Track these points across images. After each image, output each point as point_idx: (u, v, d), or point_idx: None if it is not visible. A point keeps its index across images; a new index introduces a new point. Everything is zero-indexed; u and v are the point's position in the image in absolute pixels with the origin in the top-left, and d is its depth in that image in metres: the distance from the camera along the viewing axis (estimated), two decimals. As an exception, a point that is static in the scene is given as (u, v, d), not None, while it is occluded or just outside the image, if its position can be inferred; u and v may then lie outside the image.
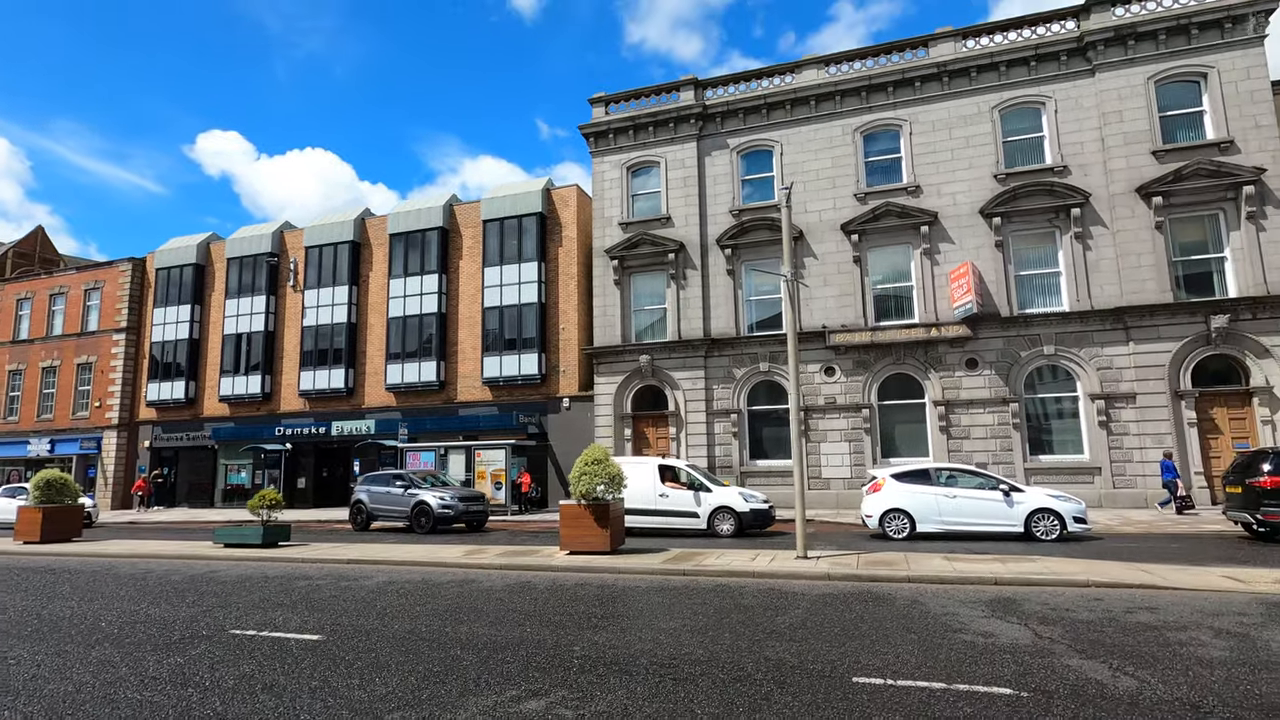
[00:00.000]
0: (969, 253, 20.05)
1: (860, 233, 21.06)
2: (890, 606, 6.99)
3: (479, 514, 18.45)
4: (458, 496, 18.11)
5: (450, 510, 17.64)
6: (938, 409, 19.82)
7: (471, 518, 18.14)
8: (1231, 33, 18.61)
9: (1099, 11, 19.70)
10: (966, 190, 20.39)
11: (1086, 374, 18.81)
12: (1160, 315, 18.23)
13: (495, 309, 25.20)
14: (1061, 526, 12.55)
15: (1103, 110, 19.43)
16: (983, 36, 20.95)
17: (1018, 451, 19.13)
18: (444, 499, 17.77)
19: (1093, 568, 8.24)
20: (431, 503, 17.65)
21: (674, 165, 23.36)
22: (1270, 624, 5.95)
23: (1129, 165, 19.00)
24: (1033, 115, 20.29)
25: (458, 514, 17.73)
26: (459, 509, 17.77)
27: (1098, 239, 19.16)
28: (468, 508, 18.03)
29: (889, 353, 20.47)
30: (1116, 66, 19.41)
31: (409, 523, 18.02)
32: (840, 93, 21.85)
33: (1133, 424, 18.37)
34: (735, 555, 10.20)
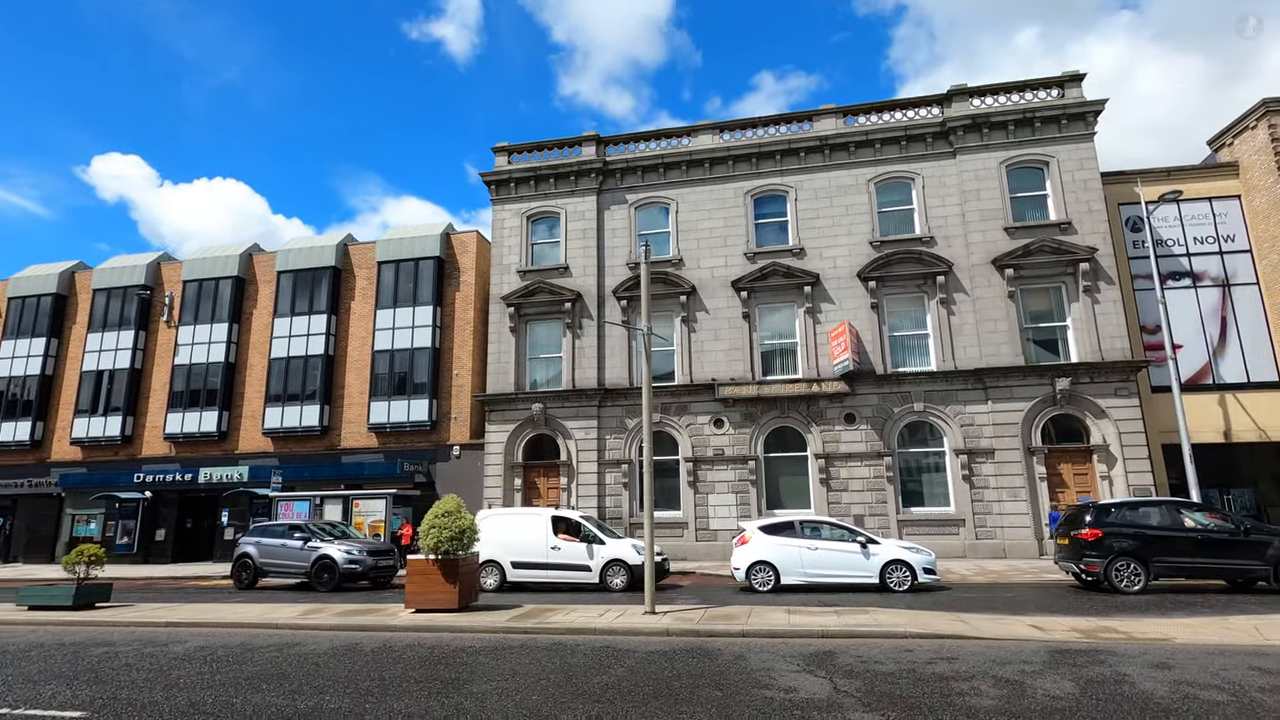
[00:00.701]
0: (848, 313, 21.18)
1: (749, 290, 21.91)
2: (712, 662, 6.99)
3: (388, 569, 16.93)
4: (366, 550, 16.50)
5: (357, 565, 16.02)
6: (818, 461, 20.49)
7: (379, 573, 16.61)
8: (1067, 128, 20.95)
9: (959, 101, 21.79)
10: (846, 254, 21.67)
11: (952, 430, 19.99)
12: (1013, 377, 19.73)
13: (386, 352, 24.42)
14: (913, 577, 13.05)
15: (963, 188, 21.29)
16: (861, 115, 22.68)
17: (891, 504, 19.94)
18: (351, 553, 16.10)
19: (918, 619, 8.58)
20: (336, 557, 15.96)
21: (574, 217, 23.74)
22: (1047, 671, 6.32)
23: (985, 239, 20.78)
24: (904, 189, 21.96)
25: (366, 569, 16.16)
26: (368, 564, 16.18)
27: (960, 304, 20.69)
28: (376, 562, 16.47)
29: (775, 406, 21.12)
30: (974, 151, 21.40)
31: (307, 579, 16.22)
32: (733, 157, 23.00)
33: (992, 478, 19.57)
34: (585, 611, 9.98)
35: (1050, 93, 21.45)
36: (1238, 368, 20.32)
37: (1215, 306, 20.73)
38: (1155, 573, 11.80)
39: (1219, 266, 20.95)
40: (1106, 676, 6.09)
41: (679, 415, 21.70)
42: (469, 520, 10.26)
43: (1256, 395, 20.08)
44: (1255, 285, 20.62)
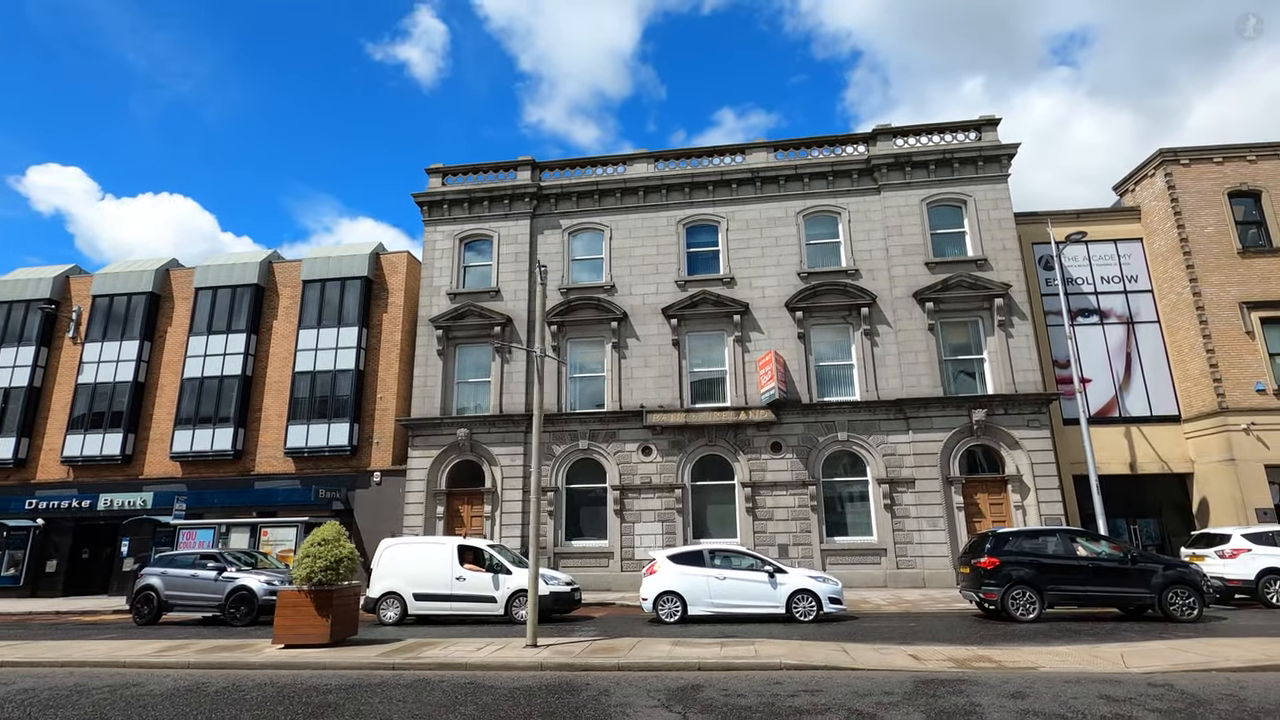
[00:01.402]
0: (776, 342, 21.38)
1: (680, 318, 21.95)
2: (573, 699, 6.67)
3: None
4: (287, 580, 15.65)
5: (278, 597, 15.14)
6: (745, 490, 20.43)
7: None
8: (984, 169, 21.84)
9: (883, 140, 22.53)
10: (775, 285, 21.96)
11: (874, 460, 20.21)
12: (933, 407, 20.12)
13: (307, 374, 23.56)
14: (818, 607, 12.96)
15: (887, 224, 21.89)
16: (791, 150, 23.24)
17: (815, 533, 19.96)
18: (272, 583, 15.04)
19: (800, 650, 8.43)
20: (256, 588, 14.93)
21: (507, 240, 23.53)
22: (904, 702, 6.22)
23: (907, 273, 21.34)
24: (831, 222, 22.48)
25: (288, 601, 15.25)
26: None
27: (883, 336, 21.11)
28: None
29: (702, 434, 21.04)
30: (897, 188, 22.09)
31: (220, 613, 15.11)
32: (667, 186, 23.22)
33: (913, 507, 19.79)
34: (464, 645, 9.52)
35: (969, 135, 22.38)
36: (1141, 402, 21.18)
37: (1121, 343, 21.65)
38: (1050, 601, 11.98)
39: (1124, 305, 21.95)
40: (959, 707, 6.00)
41: (607, 442, 21.42)
42: (348, 549, 9.74)
43: (1158, 428, 20.94)
44: (1156, 323, 21.64)
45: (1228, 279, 20.41)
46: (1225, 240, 20.76)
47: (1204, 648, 8.24)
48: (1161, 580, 11.78)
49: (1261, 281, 20.31)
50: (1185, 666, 7.18)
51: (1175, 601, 11.63)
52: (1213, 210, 20.97)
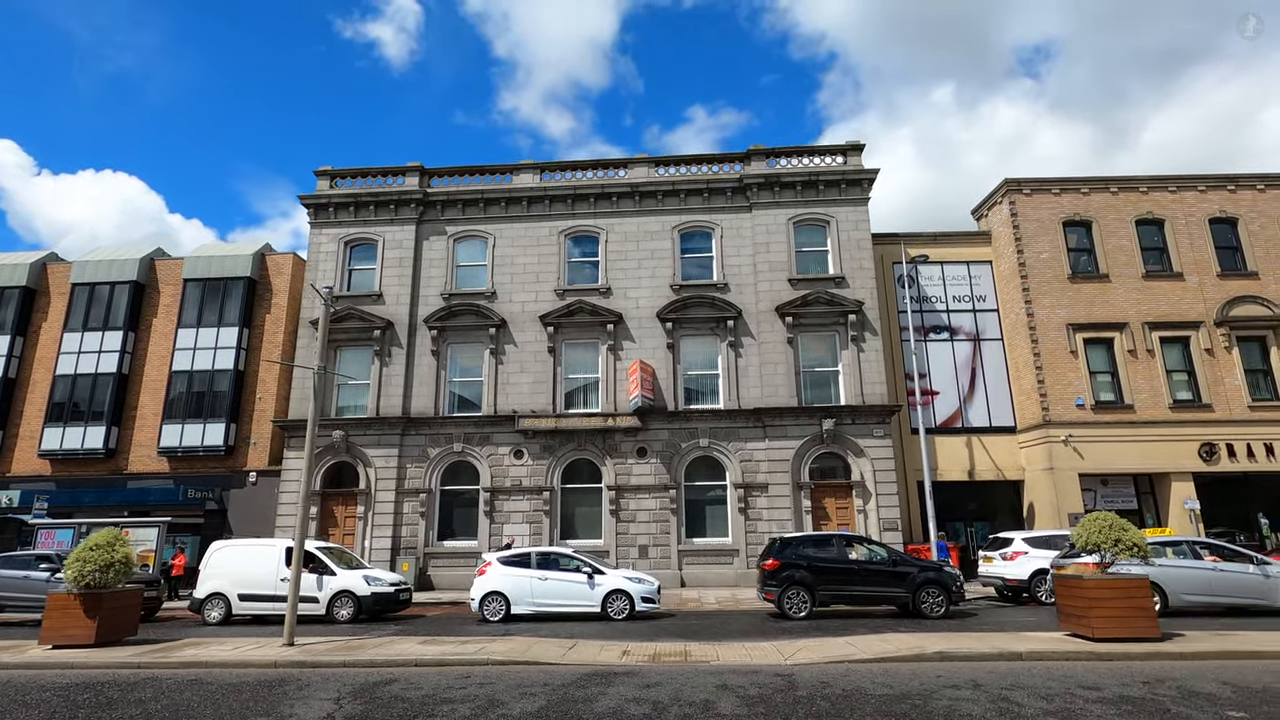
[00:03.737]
0: (647, 351, 22.30)
1: (557, 325, 22.67)
2: (267, 691, 7.35)
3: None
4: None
5: None
6: (610, 493, 21.29)
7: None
8: (846, 192, 23.14)
9: (757, 161, 23.65)
10: (649, 296, 22.87)
11: (733, 465, 21.30)
12: (788, 417, 21.31)
13: (185, 373, 23.52)
14: (631, 606, 13.86)
15: (756, 241, 23.01)
16: (671, 167, 24.17)
17: (674, 534, 20.95)
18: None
19: (531, 647, 9.25)
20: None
21: (392, 245, 23.89)
22: (556, 691, 7.07)
23: (772, 288, 22.49)
24: (705, 237, 23.50)
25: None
26: None
27: (747, 348, 22.22)
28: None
29: (573, 439, 21.82)
30: (767, 207, 23.22)
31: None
32: (551, 197, 23.91)
33: (765, 510, 20.95)
34: (230, 644, 10.10)
35: (835, 159, 23.65)
36: (983, 414, 22.80)
37: (967, 359, 23.24)
38: (820, 600, 13.11)
39: (973, 323, 23.55)
40: (589, 696, 6.89)
41: (481, 445, 22.03)
42: (121, 554, 10.16)
43: (996, 438, 22.58)
44: (1000, 341, 23.29)
45: (1058, 302, 22.13)
46: (1058, 265, 22.48)
47: (887, 643, 9.26)
48: (917, 581, 13.02)
49: (1087, 305, 22.08)
50: (841, 658, 8.21)
51: (926, 600, 12.90)
52: (1049, 237, 22.68)
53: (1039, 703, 6.30)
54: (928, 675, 7.44)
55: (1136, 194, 22.90)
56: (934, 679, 7.27)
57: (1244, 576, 13.89)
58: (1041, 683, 6.98)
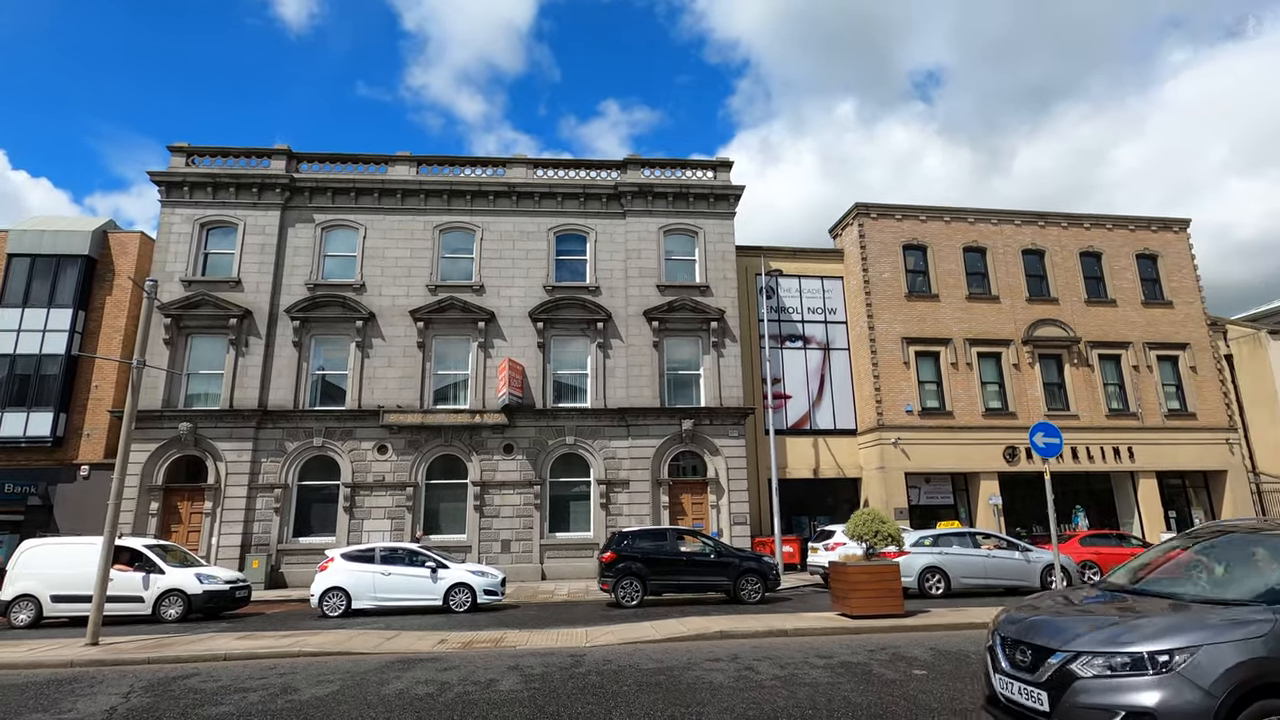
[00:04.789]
0: (518, 350, 22.69)
1: (428, 321, 22.62)
2: (28, 693, 7.34)
3: None
4: None
5: None
6: (475, 489, 21.56)
7: None
8: (715, 205, 24.51)
9: (632, 170, 24.56)
10: (521, 295, 23.26)
11: (597, 462, 22.13)
12: (651, 417, 22.38)
13: (7, 357, 21.57)
14: (473, 599, 14.31)
15: (628, 247, 23.93)
16: (549, 169, 24.65)
17: (537, 529, 21.52)
18: None
19: (351, 639, 9.63)
20: None
21: (254, 230, 22.93)
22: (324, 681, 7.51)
23: (641, 294, 23.49)
24: (580, 241, 24.16)
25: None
26: None
27: (615, 350, 23.11)
28: None
29: (439, 434, 21.89)
30: (640, 215, 24.20)
31: None
32: (426, 192, 23.76)
33: (625, 505, 21.93)
34: (23, 646, 9.84)
35: (706, 174, 24.97)
36: (829, 417, 24.88)
37: (818, 366, 25.26)
38: (652, 589, 14.14)
39: (824, 333, 25.60)
40: (385, 680, 7.40)
41: (343, 440, 21.66)
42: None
43: (840, 440, 24.71)
44: (847, 351, 25.46)
45: (896, 317, 24.51)
46: (897, 285, 24.88)
47: (684, 625, 10.24)
48: (738, 570, 14.34)
49: (920, 321, 24.58)
50: (636, 639, 9.14)
51: (745, 587, 14.25)
52: (890, 259, 25.04)
53: (775, 670, 7.41)
54: (700, 651, 8.46)
55: (965, 224, 25.71)
56: (703, 654, 8.29)
57: (1011, 562, 16.32)
58: (788, 654, 8.16)
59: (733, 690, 6.67)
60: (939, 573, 15.64)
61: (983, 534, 17.65)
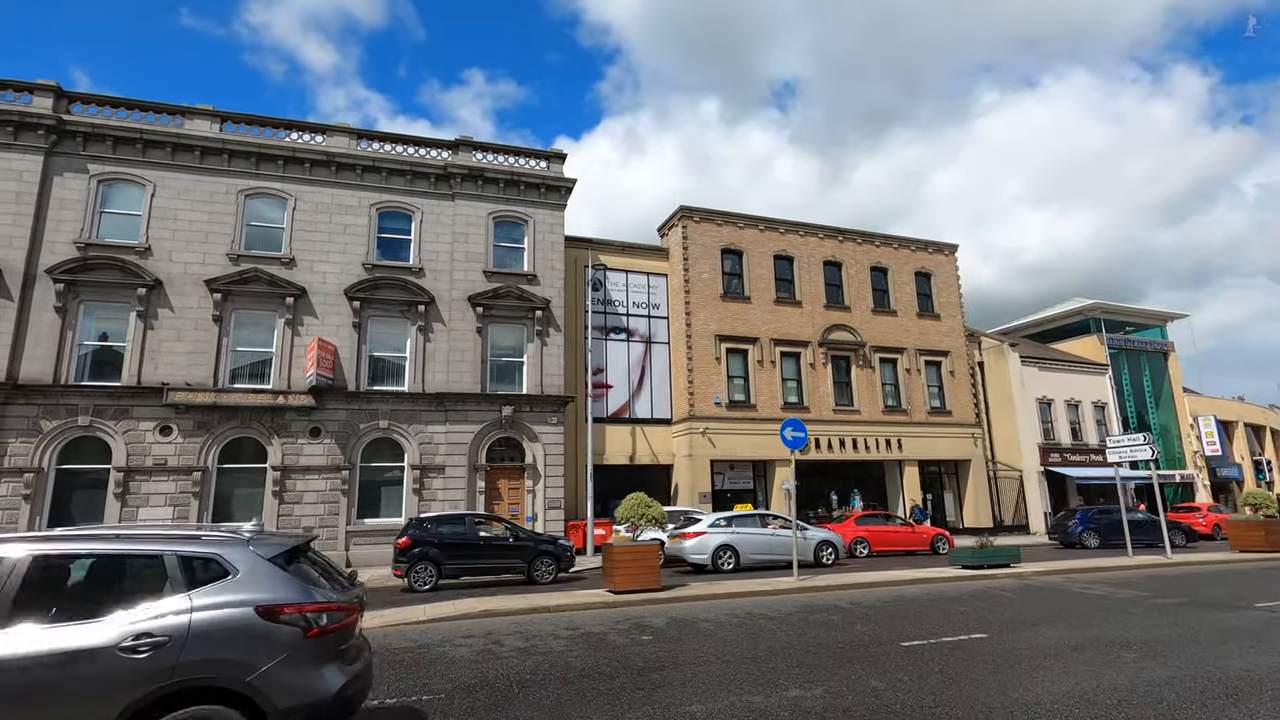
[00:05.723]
0: (330, 329, 21.65)
1: (226, 293, 20.91)
2: None
3: None
4: None
5: None
6: (275, 474, 20.37)
7: None
8: (546, 196, 24.84)
9: (464, 152, 24.21)
10: (338, 272, 22.18)
11: (412, 447, 21.76)
12: (471, 402, 22.38)
13: None
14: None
15: (456, 230, 23.61)
16: (375, 142, 23.62)
17: (344, 515, 20.79)
18: None
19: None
20: None
21: (7, 175, 19.84)
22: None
23: (467, 278, 23.32)
24: (405, 219, 23.45)
25: None
26: None
27: (437, 334, 22.78)
28: None
29: (236, 416, 20.40)
30: (470, 198, 23.94)
31: None
32: (231, 152, 21.84)
33: (440, 490, 21.81)
34: None
35: (539, 163, 25.20)
36: (647, 407, 26.28)
37: (640, 358, 26.55)
38: (448, 573, 14.41)
39: (647, 327, 26.93)
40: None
41: (118, 419, 19.51)
42: None
43: (656, 429, 26.20)
44: (667, 345, 26.99)
45: (711, 316, 26.36)
46: (714, 285, 26.75)
47: (455, 606, 10.68)
48: (534, 553, 15.01)
49: (733, 320, 26.65)
50: (402, 621, 9.46)
51: (539, 568, 14.97)
52: (709, 261, 26.85)
53: (519, 643, 8.06)
54: (460, 629, 8.93)
55: (776, 233, 28.17)
56: (461, 632, 8.77)
57: (791, 540, 18.37)
58: (540, 628, 8.87)
59: (468, 662, 7.19)
60: (731, 550, 17.36)
61: (771, 515, 19.73)
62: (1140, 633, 8.08)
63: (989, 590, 11.99)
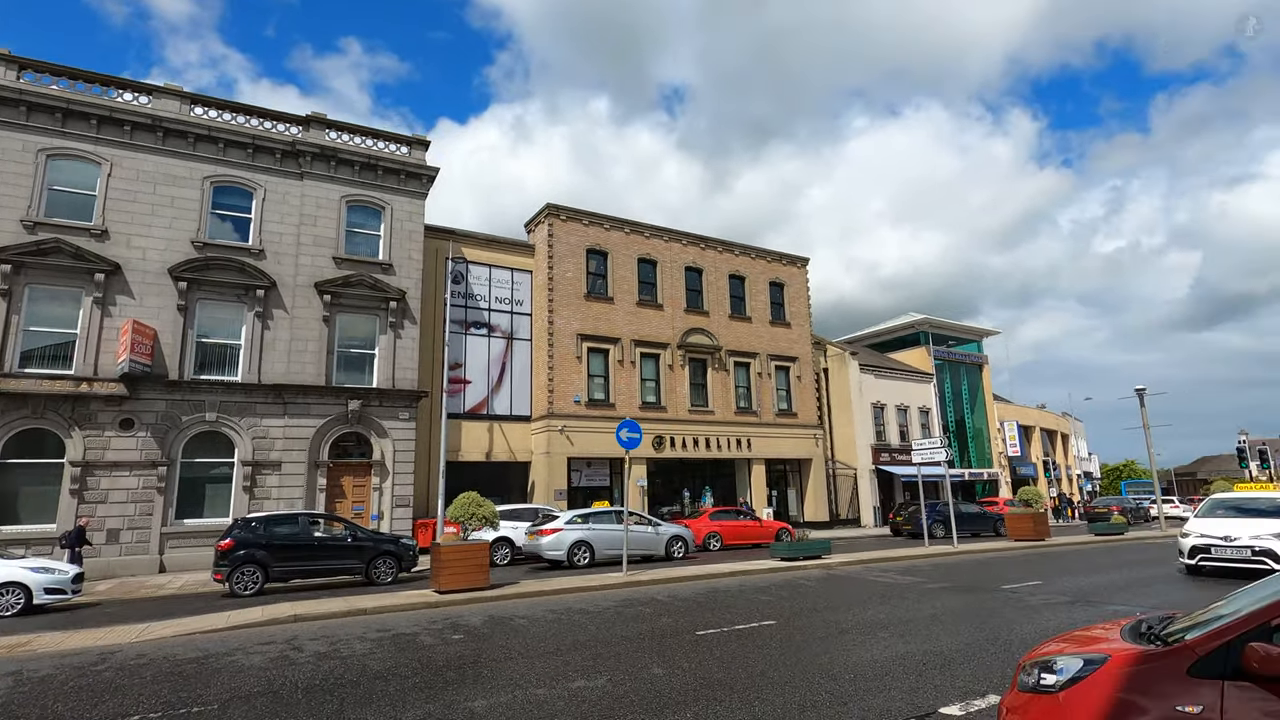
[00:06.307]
0: (150, 311, 19.66)
1: (18, 264, 18.40)
2: None
3: None
4: None
5: None
6: (74, 470, 18.23)
7: None
8: (406, 183, 23.96)
9: (316, 129, 22.81)
10: (161, 249, 20.18)
11: (244, 442, 20.25)
12: (314, 395, 21.17)
13: None
14: (28, 599, 12.25)
15: (304, 212, 22.20)
16: (211, 109, 21.68)
17: (159, 516, 18.99)
18: None
19: None
20: None
21: None
22: None
23: (314, 264, 22.01)
24: (244, 196, 21.73)
25: None
26: None
27: (278, 321, 21.33)
28: None
29: (26, 404, 18.02)
30: (321, 180, 22.60)
31: None
32: (30, 105, 19.22)
33: (275, 489, 20.46)
34: None
35: (400, 148, 24.25)
36: (507, 404, 26.09)
37: (500, 354, 26.30)
38: (276, 576, 13.64)
39: (509, 323, 26.72)
40: None
41: None
42: None
43: (515, 426, 26.08)
44: (529, 342, 26.93)
45: (574, 314, 26.62)
46: (579, 285, 27.02)
47: (263, 612, 10.21)
48: (373, 553, 14.57)
49: (595, 320, 27.05)
50: (196, 630, 8.89)
51: (379, 569, 14.58)
52: (575, 260, 27.08)
53: (321, 647, 7.87)
54: (261, 636, 8.54)
55: (641, 237, 28.92)
56: (262, 639, 8.39)
57: (644, 535, 19.09)
58: (349, 631, 8.69)
59: (257, 670, 6.93)
60: (586, 546, 17.72)
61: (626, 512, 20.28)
62: (902, 614, 9.24)
63: (795, 580, 13.12)
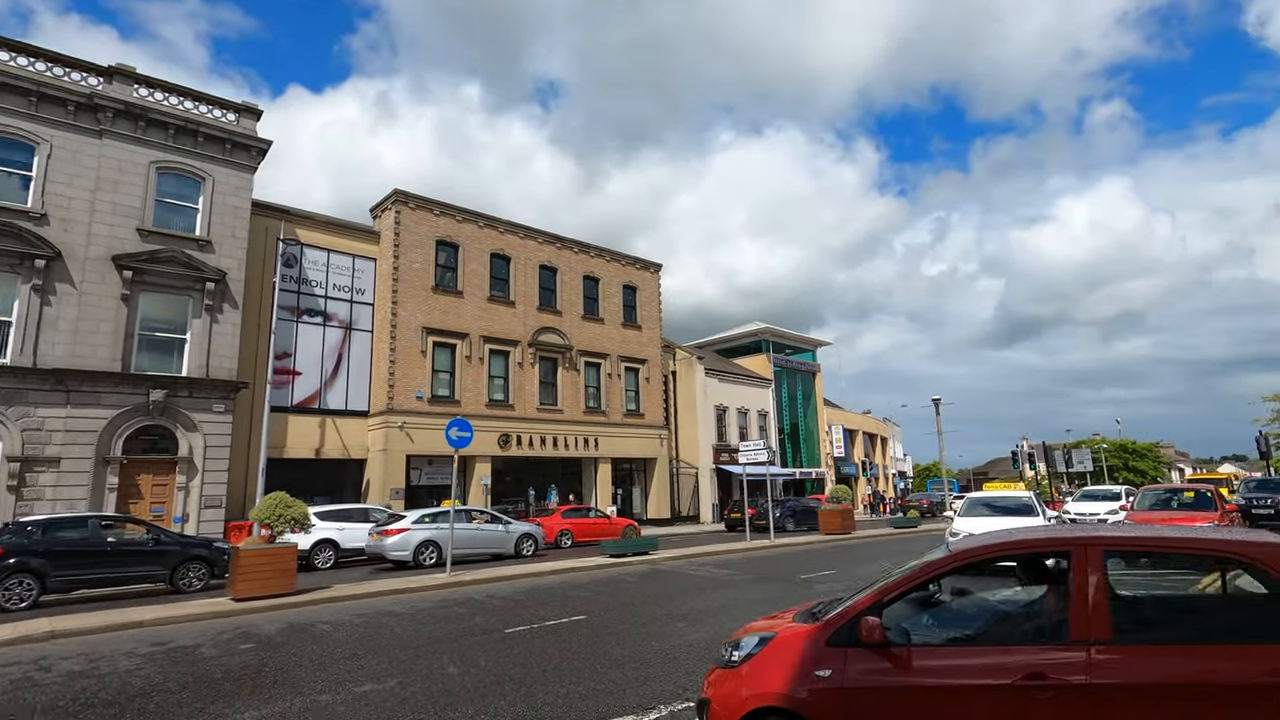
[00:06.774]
0: (-114, 276, 16.45)
1: None
2: None
3: None
4: None
5: None
6: None
7: None
8: (232, 154, 21.89)
9: (120, 82, 20.24)
10: (-95, 203, 16.97)
11: (11, 434, 17.53)
12: (106, 382, 18.77)
13: None
14: None
15: (102, 175, 19.61)
16: None
17: (-112, 521, 15.95)
18: None
19: None
20: None
21: None
22: None
23: (113, 234, 19.52)
24: (24, 150, 18.82)
25: None
26: None
27: (62, 297, 18.69)
28: None
29: None
30: (125, 140, 20.08)
31: None
32: None
33: (49, 488, 17.91)
34: None
35: (226, 115, 22.13)
36: (342, 397, 24.65)
37: (336, 345, 24.79)
38: (54, 587, 11.99)
39: (348, 312, 25.26)
40: None
41: None
42: None
43: (350, 421, 24.71)
44: (370, 333, 25.63)
45: (419, 307, 25.69)
46: (426, 276, 26.13)
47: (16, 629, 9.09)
48: (179, 559, 13.28)
49: (442, 314, 26.29)
50: None
51: (187, 575, 13.34)
52: (423, 250, 26.15)
53: (76, 665, 7.09)
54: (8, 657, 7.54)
55: (495, 232, 28.51)
56: (6, 660, 7.41)
57: (495, 534, 19.08)
58: (118, 646, 7.88)
59: (-18, 697, 6.15)
60: (434, 545, 17.23)
61: (477, 510, 20.00)
62: (703, 605, 9.97)
63: (618, 576, 13.65)
